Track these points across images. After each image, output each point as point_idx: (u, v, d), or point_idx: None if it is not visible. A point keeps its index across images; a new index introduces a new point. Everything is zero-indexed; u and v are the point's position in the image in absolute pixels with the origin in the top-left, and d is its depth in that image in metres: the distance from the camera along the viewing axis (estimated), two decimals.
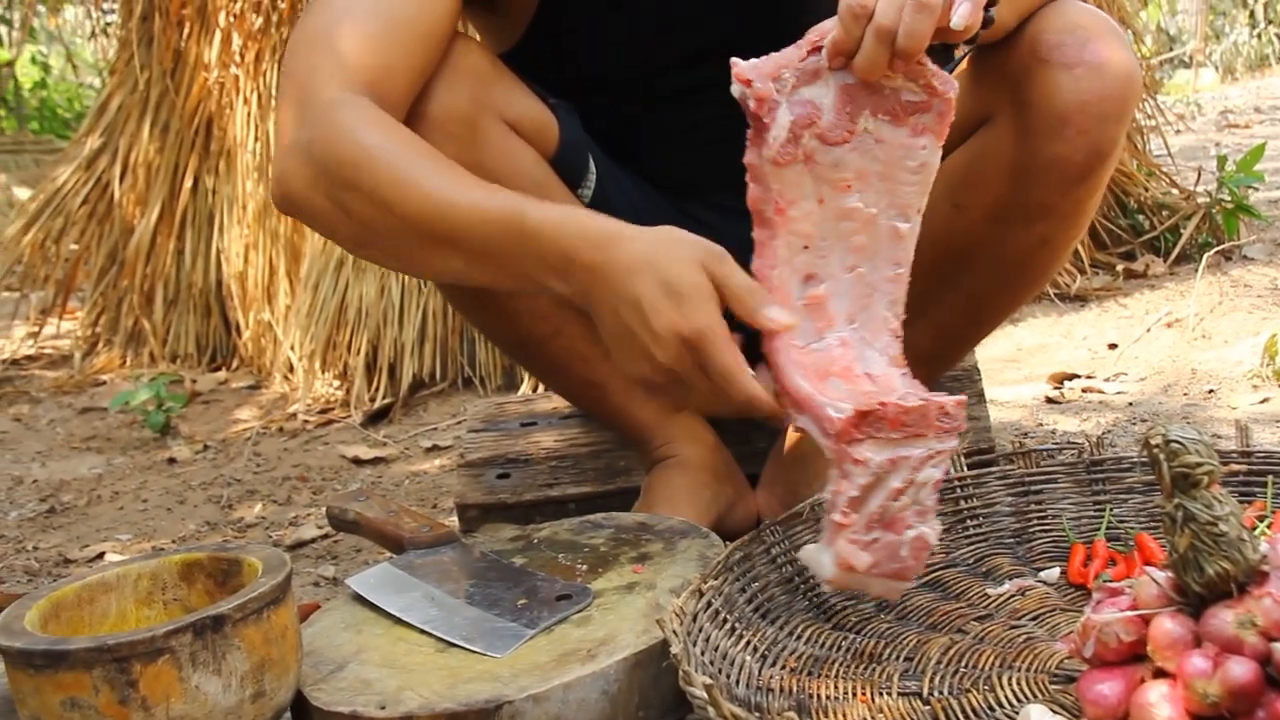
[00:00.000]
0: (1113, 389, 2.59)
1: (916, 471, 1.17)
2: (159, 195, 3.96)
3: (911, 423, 1.16)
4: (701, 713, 0.99)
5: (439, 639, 1.24)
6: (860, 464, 1.14)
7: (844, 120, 1.19)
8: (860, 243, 1.23)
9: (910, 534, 1.18)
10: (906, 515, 1.18)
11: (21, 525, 2.64)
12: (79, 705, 1.03)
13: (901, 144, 1.21)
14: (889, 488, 1.16)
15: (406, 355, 3.21)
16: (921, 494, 1.18)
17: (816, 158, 1.20)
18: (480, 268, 1.29)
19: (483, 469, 1.91)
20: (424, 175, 1.29)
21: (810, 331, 1.23)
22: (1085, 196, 1.46)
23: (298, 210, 1.35)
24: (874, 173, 1.22)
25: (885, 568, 1.18)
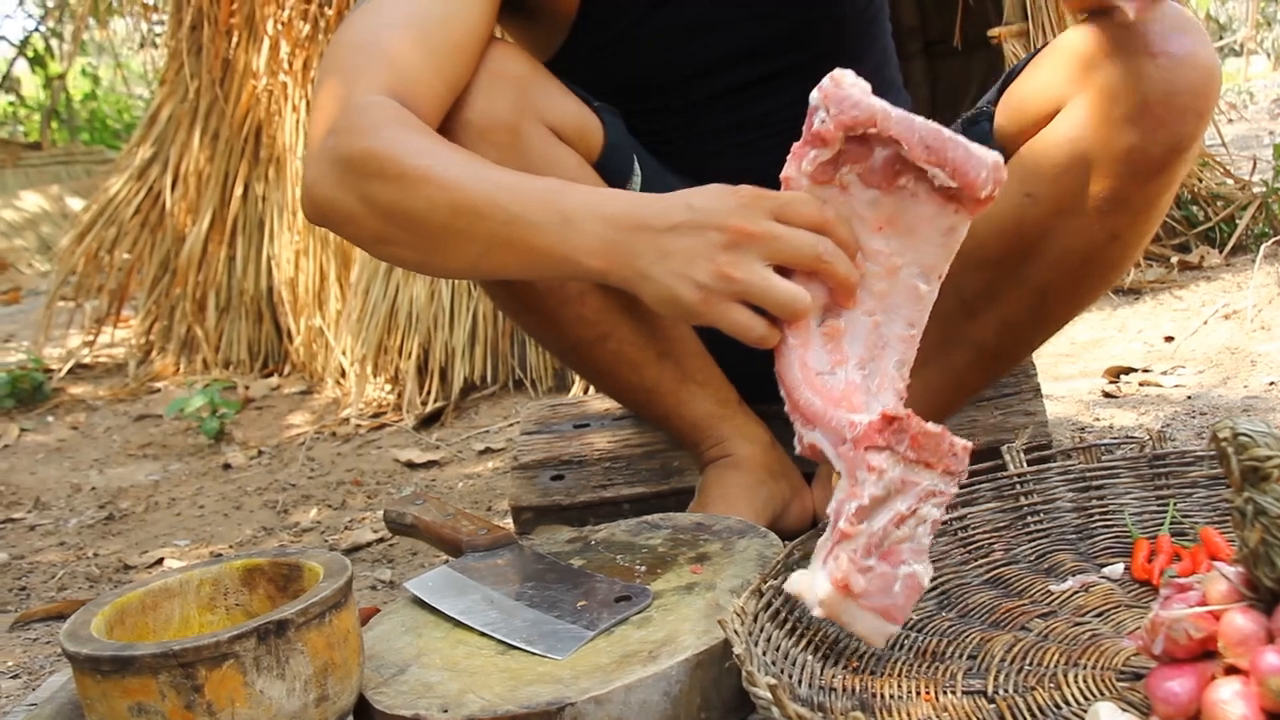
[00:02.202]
0: (1170, 382, 2.56)
1: (920, 503, 1.16)
2: (210, 203, 4.00)
3: (927, 447, 1.15)
4: (765, 713, 0.99)
5: (499, 641, 1.24)
6: (874, 471, 1.13)
7: (888, 172, 1.20)
8: (881, 289, 1.23)
9: (904, 570, 1.16)
10: (903, 549, 1.16)
11: (81, 532, 2.67)
12: (146, 710, 1.04)
13: (938, 206, 1.21)
14: (895, 510, 1.15)
15: (457, 358, 3.23)
16: (919, 531, 1.16)
17: (853, 190, 1.22)
18: (506, 254, 1.29)
19: (536, 471, 1.91)
20: (451, 161, 1.30)
21: (824, 361, 1.23)
22: (1160, 191, 1.43)
23: (324, 214, 1.36)
24: (905, 225, 1.22)
25: (876, 601, 1.15)
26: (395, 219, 1.31)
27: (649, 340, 1.60)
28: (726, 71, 1.63)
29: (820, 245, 1.19)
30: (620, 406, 2.02)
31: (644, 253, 1.23)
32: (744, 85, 1.65)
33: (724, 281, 1.20)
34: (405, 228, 1.31)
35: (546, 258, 1.27)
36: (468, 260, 1.32)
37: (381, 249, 1.38)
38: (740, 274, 1.20)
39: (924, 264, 1.23)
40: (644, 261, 1.23)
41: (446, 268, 1.37)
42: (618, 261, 1.24)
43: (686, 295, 1.21)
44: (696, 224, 1.22)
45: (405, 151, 1.30)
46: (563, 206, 1.26)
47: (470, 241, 1.29)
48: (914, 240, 1.22)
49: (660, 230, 1.23)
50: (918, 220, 1.21)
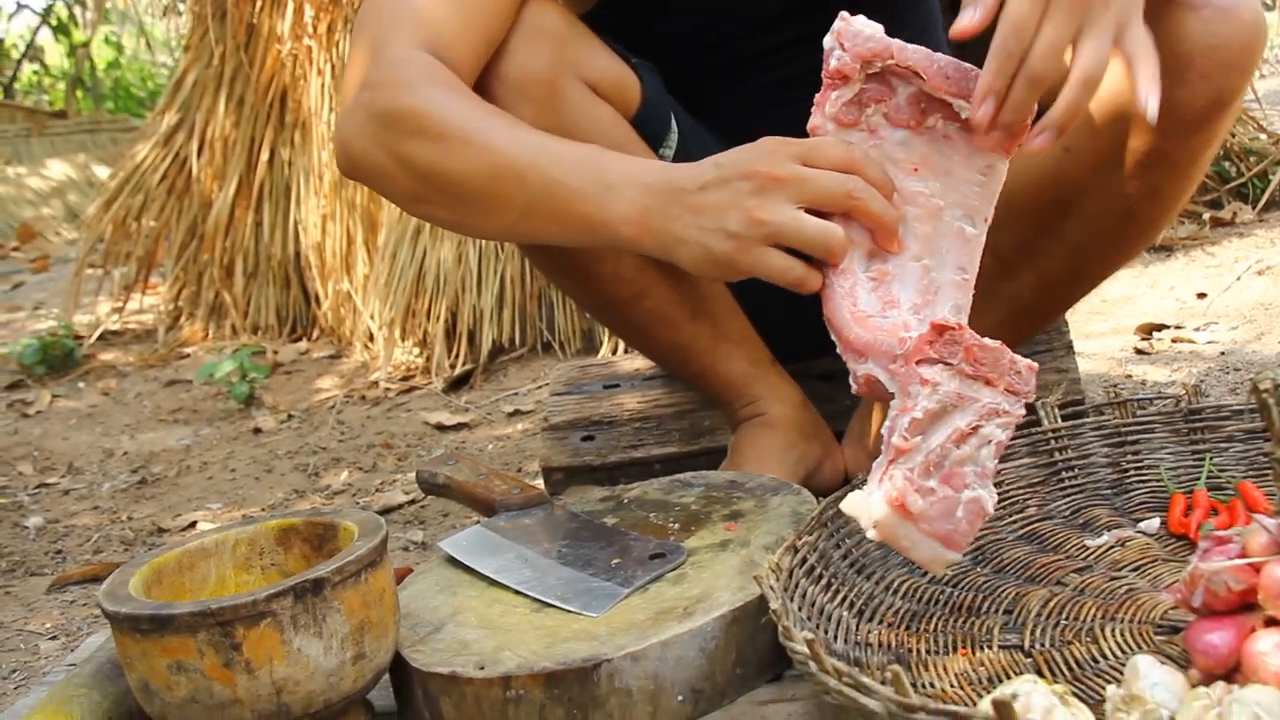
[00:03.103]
0: (1203, 338, 2.54)
1: (983, 421, 1.12)
2: (236, 169, 4.00)
3: (985, 361, 1.12)
4: (802, 668, 0.99)
5: (534, 599, 1.24)
6: (928, 385, 1.10)
7: (914, 112, 1.18)
8: (925, 233, 1.20)
9: (968, 495, 1.12)
10: (965, 472, 1.12)
11: (115, 496, 2.69)
12: (185, 668, 1.05)
13: (967, 148, 1.18)
14: (954, 426, 1.11)
15: (486, 321, 3.23)
16: (983, 452, 1.12)
17: (881, 133, 1.19)
18: (544, 220, 1.29)
19: (567, 432, 1.91)
20: (492, 124, 1.30)
21: (874, 304, 1.19)
22: (1201, 146, 1.41)
23: (358, 169, 1.35)
24: (940, 167, 1.19)
25: (937, 526, 1.11)
26: (432, 179, 1.30)
27: (684, 298, 1.59)
28: (768, 30, 1.62)
29: (850, 183, 1.17)
30: (650, 366, 2.02)
31: (677, 215, 1.22)
32: (785, 44, 1.63)
33: (754, 226, 1.19)
34: (442, 188, 1.31)
35: (584, 224, 1.26)
36: (504, 223, 1.32)
37: (416, 207, 1.38)
38: (770, 216, 1.18)
39: (966, 206, 1.20)
40: (678, 225, 1.22)
41: (483, 229, 1.37)
42: (652, 228, 1.23)
43: (719, 247, 1.20)
44: (724, 178, 1.21)
45: (445, 111, 1.29)
46: (604, 174, 1.25)
47: (508, 205, 1.29)
48: (952, 182, 1.19)
49: (691, 191, 1.22)
50: (952, 162, 1.19)
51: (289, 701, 1.07)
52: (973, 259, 1.21)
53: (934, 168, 1.19)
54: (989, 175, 1.19)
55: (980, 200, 1.20)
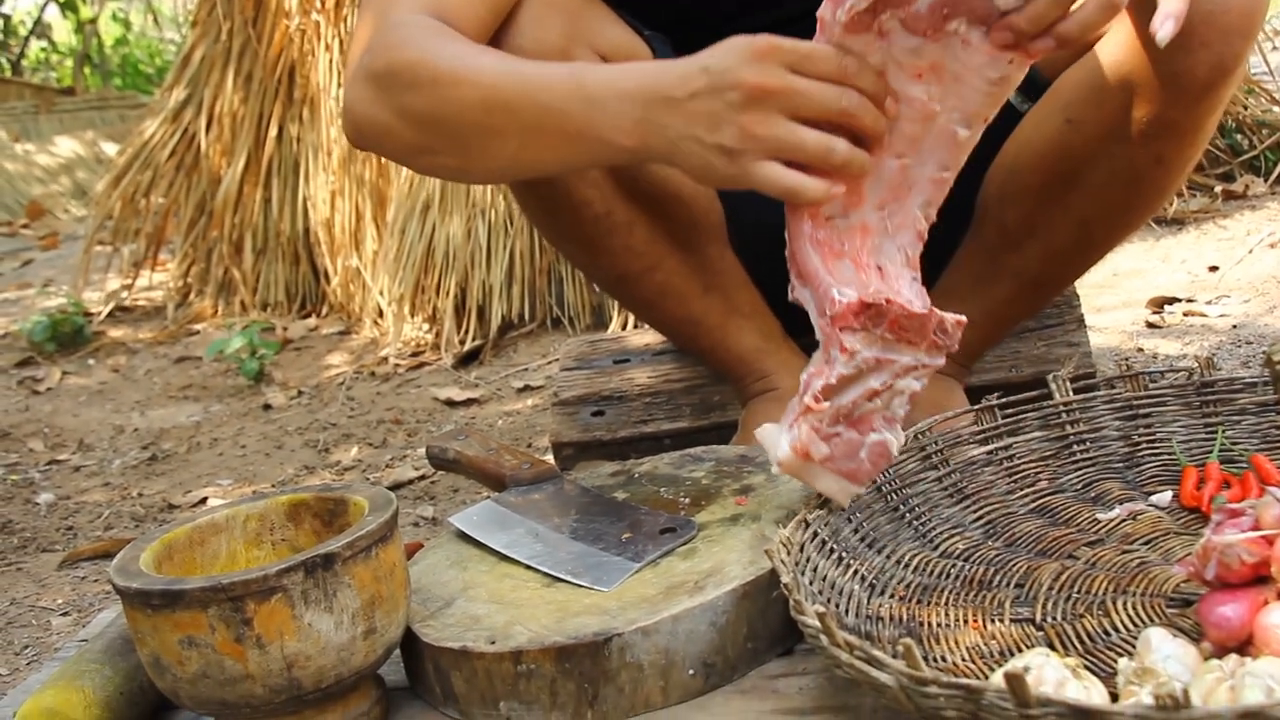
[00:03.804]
0: (1215, 312, 2.53)
1: (898, 378, 1.16)
2: (244, 145, 3.99)
3: (909, 329, 1.14)
4: (813, 641, 0.98)
5: (545, 574, 1.24)
6: (846, 353, 1.13)
7: (935, 18, 1.14)
8: (913, 132, 1.18)
9: (874, 437, 1.17)
10: (874, 418, 1.17)
11: (125, 473, 2.70)
12: (196, 643, 1.05)
13: (989, 53, 1.16)
14: (866, 386, 1.15)
15: (495, 297, 3.22)
16: (895, 402, 1.17)
17: (894, 38, 1.16)
18: (541, 147, 1.27)
19: (577, 407, 1.91)
20: (480, 60, 1.29)
21: (836, 204, 1.19)
22: (1205, 114, 1.40)
23: (363, 134, 1.36)
24: (950, 72, 1.16)
25: (840, 465, 1.17)
26: (431, 125, 1.30)
27: (696, 272, 1.59)
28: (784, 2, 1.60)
29: (844, 99, 1.14)
30: (660, 341, 2.02)
31: (670, 124, 1.19)
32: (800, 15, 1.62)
33: (750, 141, 1.16)
34: (441, 133, 1.30)
35: (580, 143, 1.24)
36: (505, 157, 1.31)
37: (422, 160, 1.38)
38: (765, 130, 1.15)
39: (966, 110, 1.17)
40: (672, 132, 1.19)
41: (487, 168, 1.35)
42: (648, 138, 1.21)
43: (718, 162, 1.18)
44: (714, 86, 1.17)
45: (435, 56, 1.29)
46: (586, 90, 1.23)
47: (505, 137, 1.28)
48: (958, 88, 1.16)
49: (681, 99, 1.18)
50: (964, 69, 1.15)
51: (300, 676, 1.07)
52: (958, 159, 1.20)
53: (941, 74, 1.16)
54: (1001, 85, 1.16)
55: (983, 105, 1.17)
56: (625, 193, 1.52)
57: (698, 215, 1.58)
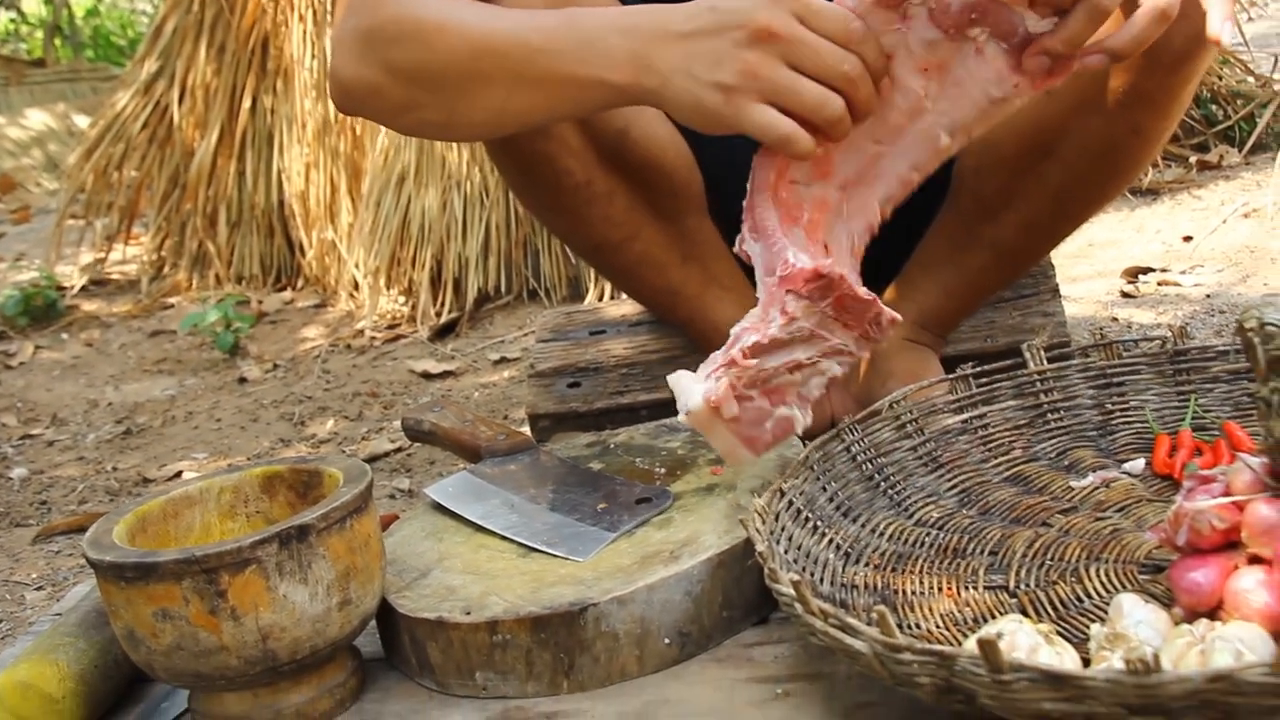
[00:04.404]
0: (1189, 281, 2.54)
1: (823, 358, 1.17)
2: (218, 117, 3.97)
3: (851, 311, 1.15)
4: (788, 610, 0.99)
5: (520, 545, 1.24)
6: (786, 316, 1.14)
7: (961, 18, 1.13)
8: (898, 123, 1.18)
9: (782, 411, 1.18)
10: (789, 392, 1.18)
11: (100, 447, 2.69)
12: (170, 616, 1.05)
13: (998, 70, 1.15)
14: (793, 356, 1.16)
15: (471, 269, 3.22)
16: (813, 381, 1.18)
17: (914, 25, 1.14)
18: (531, 92, 1.26)
19: (553, 378, 1.91)
20: (467, 8, 1.28)
21: (805, 170, 1.19)
22: (1180, 84, 1.40)
23: (350, 95, 1.35)
24: (955, 76, 1.16)
25: (744, 429, 1.17)
26: (418, 78, 1.29)
27: (675, 242, 1.58)
28: None
29: (847, 64, 1.13)
30: (637, 312, 2.01)
31: (667, 58, 1.17)
32: None
33: (749, 79, 1.14)
34: (428, 86, 1.29)
35: (571, 86, 1.23)
36: (493, 107, 1.29)
37: (408, 117, 1.36)
38: (767, 72, 1.13)
39: (955, 119, 1.17)
40: (667, 67, 1.17)
41: (472, 121, 1.34)
42: (641, 73, 1.19)
43: (710, 98, 1.16)
44: (720, 25, 1.15)
45: (421, 8, 1.28)
46: (582, 29, 1.22)
47: (493, 84, 1.26)
48: (956, 93, 1.16)
49: (684, 35, 1.17)
50: (969, 77, 1.15)
51: (275, 648, 1.07)
52: (932, 163, 1.20)
53: (946, 74, 1.16)
54: (999, 105, 1.16)
55: (974, 119, 1.17)
56: (606, 162, 1.51)
57: (678, 185, 1.57)
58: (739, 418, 1.16)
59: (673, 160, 1.55)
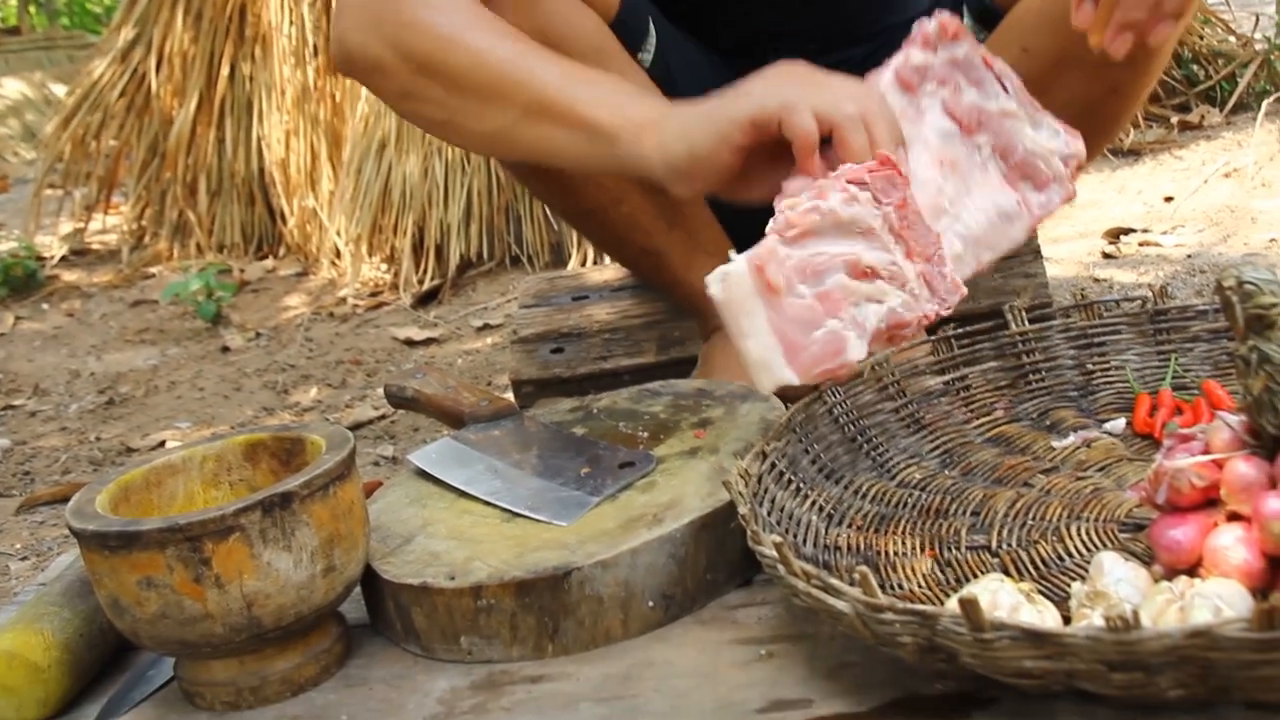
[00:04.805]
0: (1170, 242, 2.55)
1: (886, 278, 1.07)
2: (196, 85, 3.94)
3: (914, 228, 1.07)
4: (771, 572, 0.99)
5: (504, 510, 1.24)
6: (846, 194, 1.05)
7: (970, 119, 1.13)
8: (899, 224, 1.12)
9: (834, 324, 1.05)
10: (844, 304, 1.05)
11: (82, 417, 2.68)
12: (155, 584, 1.05)
13: (1000, 187, 1.15)
14: (855, 251, 1.05)
15: (453, 236, 3.21)
16: (871, 309, 1.07)
17: (928, 116, 1.14)
18: (543, 122, 1.27)
19: (536, 344, 1.91)
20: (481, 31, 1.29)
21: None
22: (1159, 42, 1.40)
23: (353, 63, 1.34)
24: (965, 181, 1.14)
25: (787, 326, 1.02)
26: (432, 71, 1.28)
27: (661, 207, 1.58)
28: None
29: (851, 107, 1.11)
30: (620, 276, 2.01)
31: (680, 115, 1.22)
32: None
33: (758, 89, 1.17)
34: (441, 83, 1.29)
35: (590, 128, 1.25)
36: (500, 124, 1.30)
37: (405, 104, 1.36)
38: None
39: (971, 227, 1.14)
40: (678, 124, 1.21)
41: (471, 130, 1.34)
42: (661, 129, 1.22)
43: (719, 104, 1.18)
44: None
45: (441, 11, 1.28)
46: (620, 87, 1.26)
47: (510, 104, 1.27)
48: (969, 202, 1.15)
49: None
50: (978, 186, 1.14)
51: (260, 615, 1.07)
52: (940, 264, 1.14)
53: (959, 176, 1.14)
54: (1007, 222, 1.14)
55: (986, 234, 1.14)
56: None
57: None
58: (783, 303, 1.01)
59: None
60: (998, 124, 1.15)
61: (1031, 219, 1.15)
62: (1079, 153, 1.19)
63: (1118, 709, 0.87)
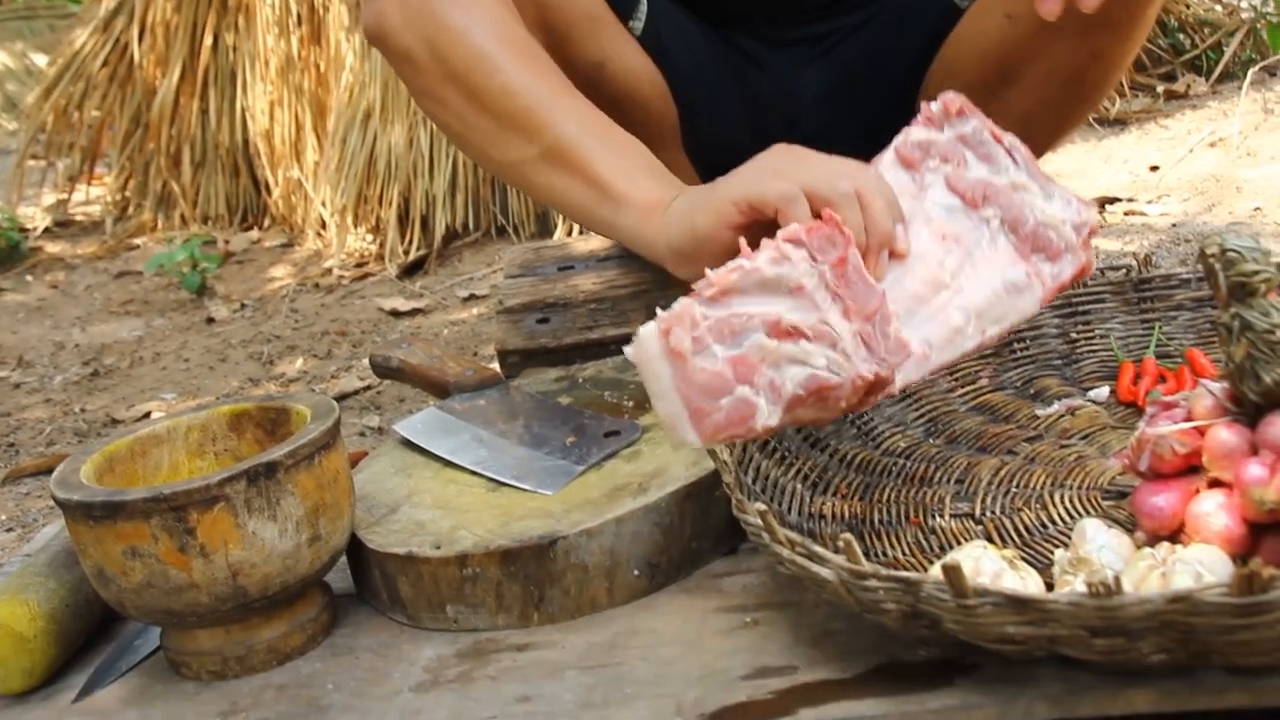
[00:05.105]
0: (1155, 210, 2.55)
1: (811, 338, 0.99)
2: (179, 55, 3.91)
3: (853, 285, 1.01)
4: (756, 540, 1.00)
5: (489, 479, 1.24)
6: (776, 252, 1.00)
7: (975, 193, 1.12)
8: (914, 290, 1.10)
9: (744, 392, 0.97)
10: (761, 369, 0.98)
11: (67, 389, 2.67)
12: (140, 554, 1.05)
13: (1010, 258, 1.12)
14: (777, 311, 0.99)
15: (438, 206, 3.20)
16: (792, 371, 0.98)
17: (931, 193, 1.12)
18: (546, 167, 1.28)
19: (522, 314, 1.90)
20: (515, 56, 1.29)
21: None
22: (1141, 8, 1.40)
23: (385, 43, 1.34)
24: (972, 258, 1.12)
25: (693, 391, 0.97)
26: (460, 84, 1.28)
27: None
28: None
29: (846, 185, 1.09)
30: (605, 247, 2.01)
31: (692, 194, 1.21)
32: None
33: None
34: (467, 98, 1.28)
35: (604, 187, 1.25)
36: (512, 158, 1.30)
37: (427, 103, 1.36)
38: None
39: (974, 300, 1.09)
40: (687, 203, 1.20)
41: (483, 152, 1.33)
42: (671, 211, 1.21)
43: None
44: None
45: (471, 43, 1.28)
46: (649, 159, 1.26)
47: (530, 143, 1.27)
48: (973, 274, 1.11)
49: None
50: (985, 260, 1.11)
51: (245, 584, 1.07)
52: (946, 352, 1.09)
53: (963, 250, 1.12)
54: (1015, 295, 1.11)
55: (989, 306, 1.10)
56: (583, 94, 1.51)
57: (652, 118, 1.57)
58: (690, 369, 0.97)
59: (648, 93, 1.54)
60: (1007, 197, 1.13)
61: (1044, 290, 1.13)
62: (1091, 220, 1.17)
63: (1099, 674, 0.88)
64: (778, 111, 1.63)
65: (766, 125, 1.64)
